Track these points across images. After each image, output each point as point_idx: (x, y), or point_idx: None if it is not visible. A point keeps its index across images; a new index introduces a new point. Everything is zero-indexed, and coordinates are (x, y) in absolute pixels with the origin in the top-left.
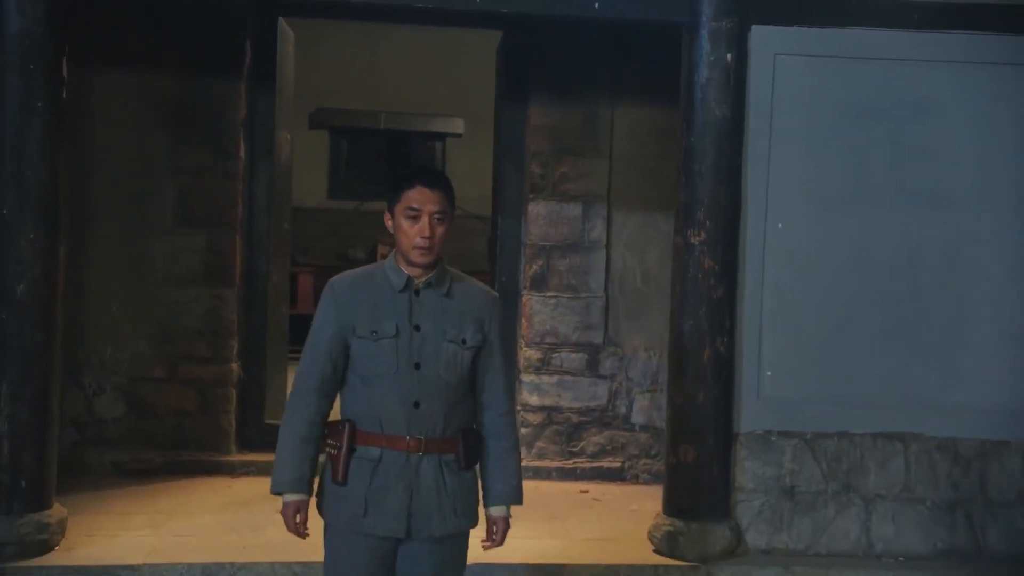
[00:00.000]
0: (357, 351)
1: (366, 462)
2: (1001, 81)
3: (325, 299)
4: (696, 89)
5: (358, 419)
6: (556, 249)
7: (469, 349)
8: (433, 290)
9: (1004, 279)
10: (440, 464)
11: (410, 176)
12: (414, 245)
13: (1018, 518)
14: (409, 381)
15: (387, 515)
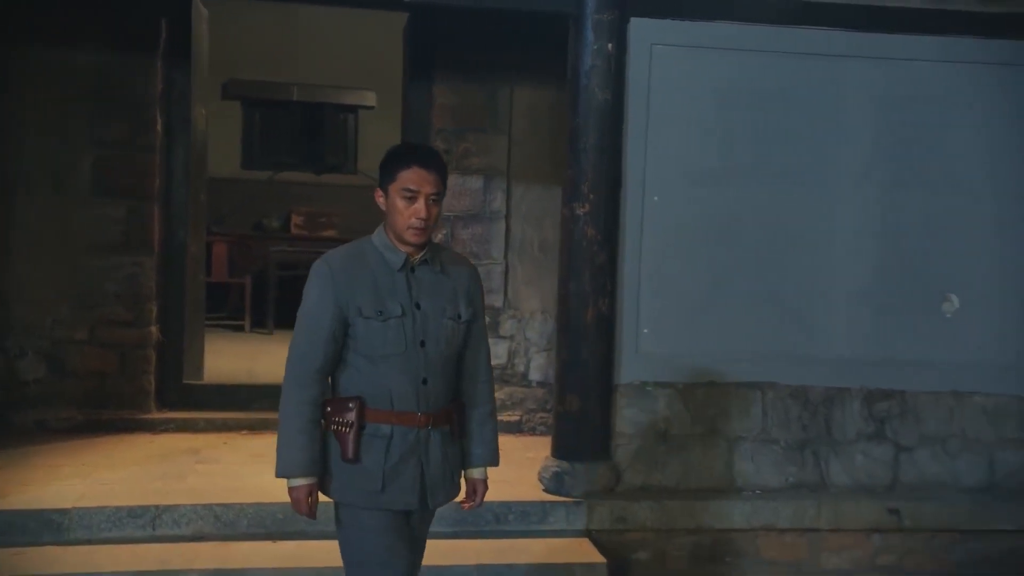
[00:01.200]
0: (363, 331)
1: (377, 439)
2: (849, 72)
3: (320, 279)
4: (581, 75)
5: (365, 397)
6: (459, 219)
7: (464, 324)
8: (428, 268)
9: (849, 246)
10: (442, 436)
11: (406, 155)
12: (410, 226)
13: (857, 454)
14: (416, 359)
15: (403, 489)
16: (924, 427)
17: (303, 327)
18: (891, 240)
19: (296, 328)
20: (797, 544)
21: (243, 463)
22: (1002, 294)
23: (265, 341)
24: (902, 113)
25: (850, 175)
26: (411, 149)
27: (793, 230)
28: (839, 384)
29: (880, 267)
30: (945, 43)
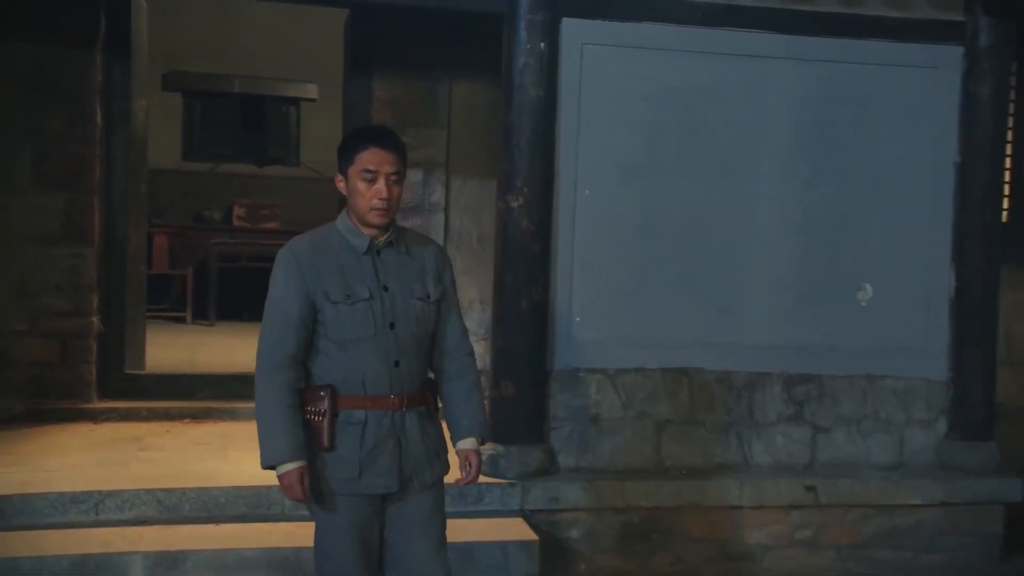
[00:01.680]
0: (332, 316)
1: (351, 425)
2: (771, 72)
3: (287, 266)
4: (515, 73)
5: (337, 383)
6: (400, 211)
7: (434, 303)
8: (394, 249)
9: (770, 238)
10: (418, 416)
11: (363, 137)
12: (372, 207)
13: (777, 436)
14: (387, 341)
15: (381, 473)
16: (840, 409)
17: (272, 316)
18: (810, 232)
19: (265, 318)
20: (721, 521)
21: (186, 450)
22: (911, 284)
23: (207, 332)
24: (821, 112)
25: (772, 170)
26: (368, 130)
27: (718, 223)
28: (761, 369)
29: (799, 258)
30: (861, 46)
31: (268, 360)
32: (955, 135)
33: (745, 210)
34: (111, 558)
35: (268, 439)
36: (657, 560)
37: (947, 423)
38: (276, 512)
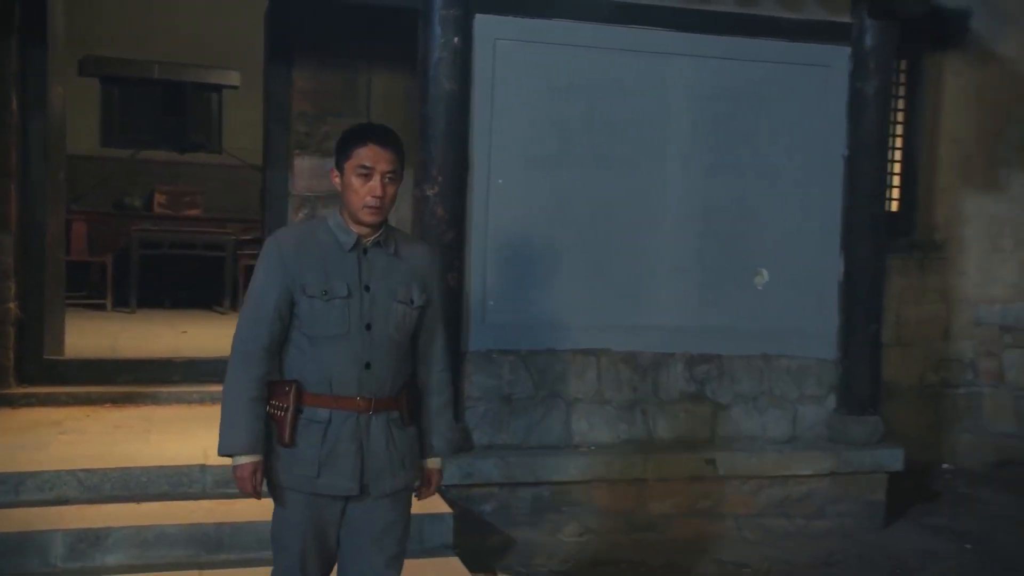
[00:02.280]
0: (307, 311)
1: (315, 424)
2: (672, 68)
3: (269, 255)
4: (430, 67)
5: (304, 380)
6: (320, 199)
7: (416, 309)
8: (381, 250)
9: (673, 226)
10: (388, 422)
11: (363, 134)
12: (365, 204)
13: (680, 412)
14: (360, 342)
15: (341, 475)
16: (738, 387)
17: (249, 306)
18: (710, 220)
19: (243, 307)
20: (627, 494)
21: (107, 433)
22: (804, 269)
23: (128, 319)
24: (719, 106)
25: (674, 161)
26: (368, 127)
27: (624, 211)
28: (665, 350)
29: (700, 245)
30: (757, 44)
31: (241, 351)
32: (844, 130)
33: (650, 199)
34: (32, 536)
35: (228, 429)
36: (566, 531)
37: (836, 399)
38: (197, 490)
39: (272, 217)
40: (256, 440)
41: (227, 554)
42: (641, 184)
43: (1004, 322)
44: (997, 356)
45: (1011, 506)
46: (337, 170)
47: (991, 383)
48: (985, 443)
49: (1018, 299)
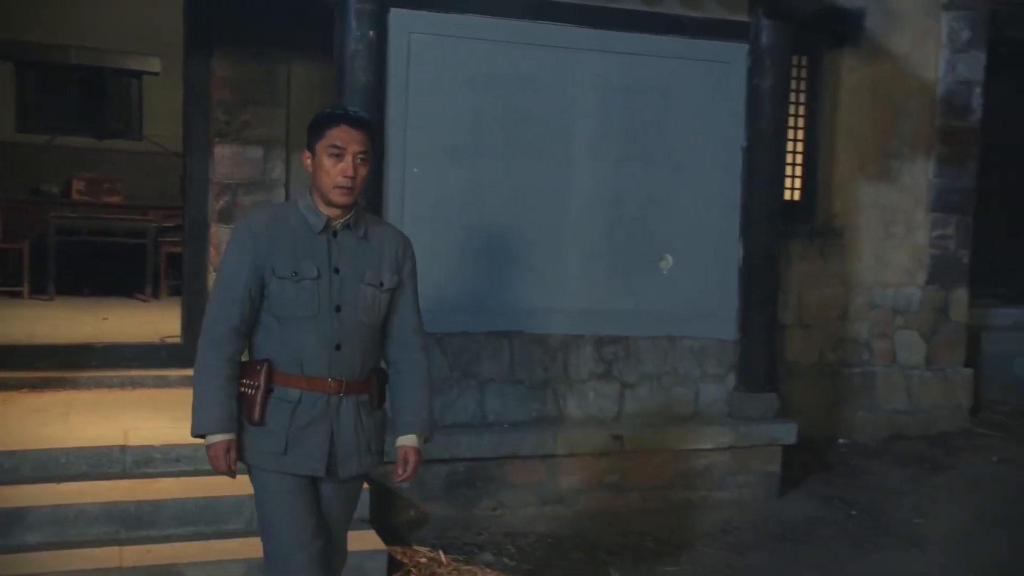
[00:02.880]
0: (276, 292)
1: (284, 403)
2: (582, 62)
3: (240, 237)
4: (346, 59)
5: (275, 360)
6: (241, 186)
7: (386, 292)
8: (351, 232)
9: (583, 214)
10: (357, 405)
11: (334, 115)
12: (336, 184)
13: (589, 391)
14: (330, 324)
15: (309, 455)
16: (644, 367)
17: (220, 287)
18: (618, 208)
19: (214, 288)
20: (538, 469)
21: (25, 417)
22: (707, 255)
23: (46, 307)
24: (626, 99)
25: (583, 151)
26: (340, 108)
27: (536, 199)
28: (575, 332)
29: (609, 231)
30: (661, 41)
31: (211, 331)
32: (743, 123)
33: (561, 188)
34: None
35: (200, 409)
36: (480, 506)
37: (735, 377)
38: (117, 470)
39: (194, 203)
40: (229, 419)
41: (147, 531)
42: (552, 173)
43: (896, 305)
44: (890, 337)
45: (896, 477)
46: (308, 151)
47: (884, 362)
48: (879, 419)
49: (909, 283)
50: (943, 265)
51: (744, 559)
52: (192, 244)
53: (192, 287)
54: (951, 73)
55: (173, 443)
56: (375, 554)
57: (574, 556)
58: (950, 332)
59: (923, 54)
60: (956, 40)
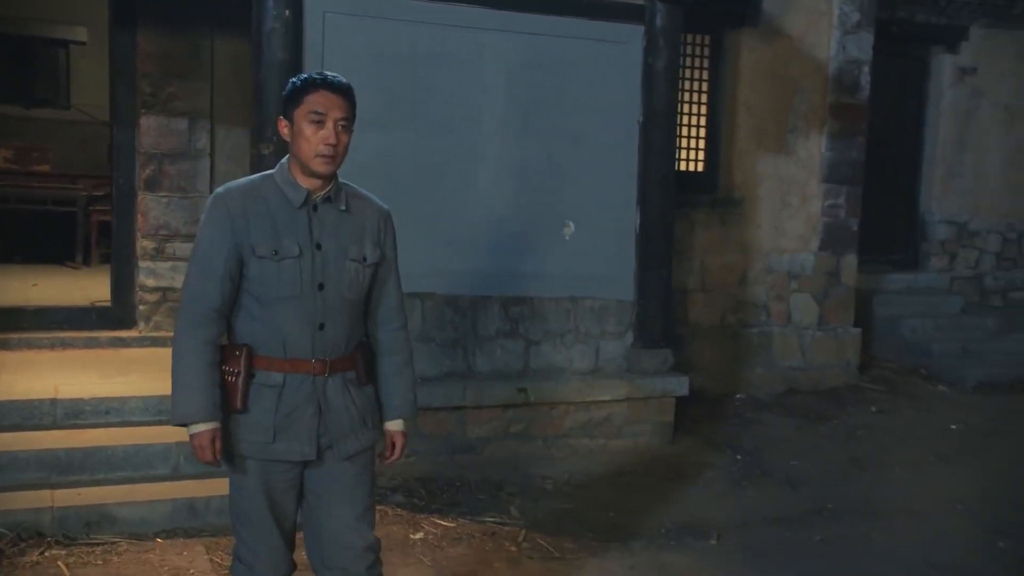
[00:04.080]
0: (256, 272)
1: (268, 388)
2: (488, 41)
3: (215, 214)
4: (263, 36)
5: (256, 343)
6: (167, 157)
7: (369, 267)
8: (331, 205)
9: (490, 183)
10: (344, 382)
11: (313, 80)
12: (317, 153)
13: (496, 348)
14: (313, 303)
15: (298, 439)
16: (548, 325)
17: (196, 266)
18: (523, 178)
19: (189, 267)
20: (448, 419)
21: None
22: (606, 222)
23: None
24: (530, 76)
25: (490, 125)
26: (320, 74)
27: (447, 169)
28: (483, 293)
29: (515, 200)
30: (563, 22)
31: (189, 313)
32: (639, 99)
33: (469, 158)
34: None
35: (181, 397)
36: None
37: (633, 335)
38: (48, 422)
39: (121, 174)
40: (213, 406)
41: (77, 476)
42: (461, 145)
43: (792, 270)
44: (785, 300)
45: (783, 426)
46: (286, 119)
47: (781, 323)
48: (775, 375)
49: (803, 249)
50: (834, 232)
51: (632, 496)
52: (120, 212)
53: (121, 254)
54: (842, 53)
55: (102, 396)
56: None
57: (479, 496)
58: (841, 295)
59: (816, 35)
60: (847, 22)
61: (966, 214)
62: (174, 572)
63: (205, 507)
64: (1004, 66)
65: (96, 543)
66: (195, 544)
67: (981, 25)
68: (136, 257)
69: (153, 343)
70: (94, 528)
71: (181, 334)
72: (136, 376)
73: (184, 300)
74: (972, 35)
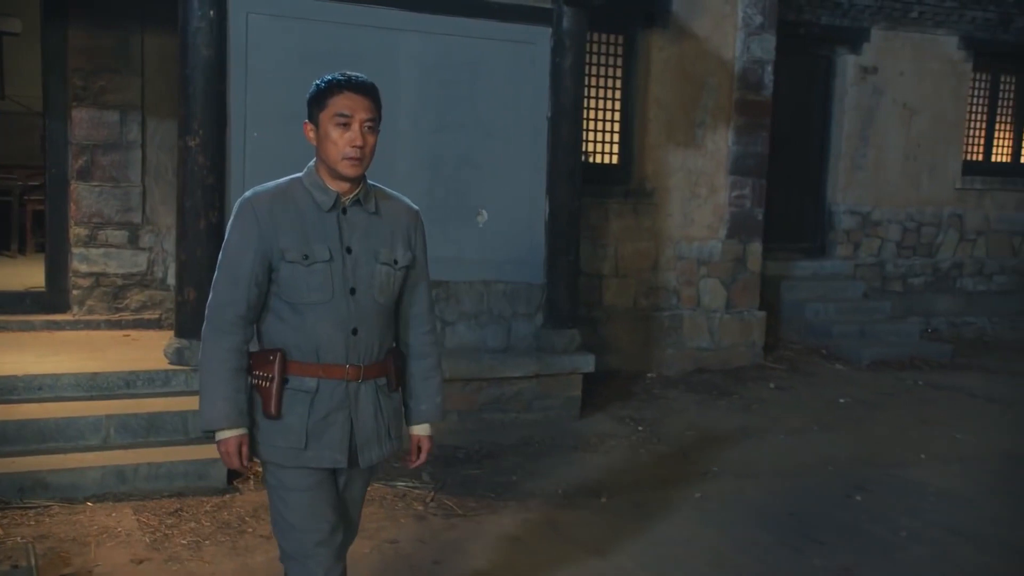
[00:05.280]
0: (287, 277)
1: (301, 393)
2: (402, 41)
3: (243, 218)
4: (189, 35)
5: (288, 348)
6: (99, 147)
7: (400, 270)
8: (361, 208)
9: (407, 174)
10: (376, 389)
11: (337, 82)
12: (344, 156)
13: None
14: (345, 308)
15: (330, 447)
16: (463, 307)
17: (223, 272)
18: (439, 170)
19: (217, 271)
20: None
21: None
22: (518, 210)
23: None
24: (443, 74)
25: (407, 120)
26: (344, 75)
27: None
28: None
29: (430, 189)
30: (474, 23)
31: (216, 319)
32: (547, 96)
33: (386, 151)
34: None
35: (208, 403)
36: None
37: (543, 316)
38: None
39: (54, 164)
40: (240, 413)
41: (11, 446)
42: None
43: (701, 256)
44: (695, 284)
45: (686, 401)
46: (311, 123)
47: (690, 307)
48: (684, 355)
49: (712, 237)
50: (741, 221)
51: (535, 463)
52: (54, 201)
53: (55, 241)
54: (746, 53)
55: (35, 374)
56: (215, 462)
57: (394, 464)
58: (747, 280)
59: (722, 35)
60: (750, 24)
61: (868, 205)
62: (103, 530)
63: (134, 473)
64: (903, 66)
65: (29, 507)
66: (123, 507)
67: (881, 28)
68: (69, 244)
69: (87, 326)
70: (27, 493)
71: (208, 340)
72: (69, 356)
73: (211, 306)
74: (873, 36)
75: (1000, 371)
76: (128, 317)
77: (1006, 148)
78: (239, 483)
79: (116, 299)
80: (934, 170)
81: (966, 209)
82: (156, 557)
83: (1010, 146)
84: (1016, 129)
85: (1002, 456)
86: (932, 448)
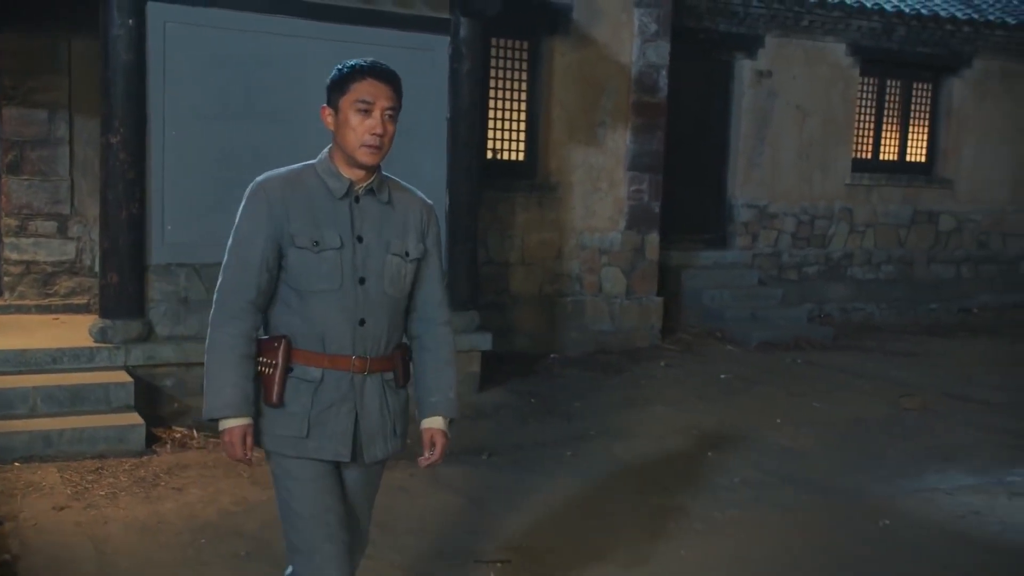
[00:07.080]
0: (295, 263)
1: (305, 383)
2: (313, 49)
3: (255, 203)
4: (110, 41)
5: (294, 336)
6: (28, 143)
7: (412, 262)
8: (374, 197)
9: None
10: (382, 383)
11: (361, 67)
12: (363, 143)
13: None
14: (354, 297)
15: (332, 438)
16: None
17: (234, 256)
18: None
19: (226, 257)
20: None
21: None
22: None
23: None
24: None
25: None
26: (367, 61)
27: (276, 156)
28: None
29: None
30: (378, 32)
31: (225, 305)
32: (446, 99)
33: (296, 148)
34: None
35: (213, 391)
36: None
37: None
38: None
39: None
40: (245, 401)
41: None
42: (289, 135)
43: (602, 246)
44: (597, 272)
45: (580, 378)
46: (330, 108)
47: (592, 293)
48: (587, 338)
49: (612, 229)
50: (639, 214)
51: None
52: None
53: None
54: (643, 58)
55: None
56: (135, 427)
57: None
58: (645, 268)
59: (620, 42)
60: (646, 31)
61: (765, 199)
62: (28, 484)
63: (59, 437)
64: (795, 70)
65: None
66: (49, 467)
67: (775, 35)
68: (1, 234)
69: (18, 310)
70: None
71: (215, 326)
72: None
73: (219, 292)
74: (768, 43)
75: (875, 351)
76: (58, 302)
77: (893, 147)
78: (157, 447)
79: (46, 285)
80: (826, 167)
81: (856, 204)
82: (76, 505)
83: (897, 145)
84: (902, 129)
85: (849, 421)
86: (791, 415)
